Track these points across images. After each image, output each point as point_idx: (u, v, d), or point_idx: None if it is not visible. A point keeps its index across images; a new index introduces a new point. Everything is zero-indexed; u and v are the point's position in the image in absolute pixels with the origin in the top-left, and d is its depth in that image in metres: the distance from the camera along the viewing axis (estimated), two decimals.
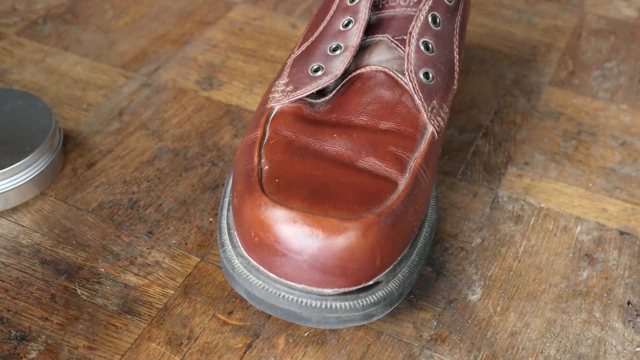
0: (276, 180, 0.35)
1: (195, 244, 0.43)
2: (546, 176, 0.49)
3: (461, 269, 0.42)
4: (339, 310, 0.34)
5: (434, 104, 0.40)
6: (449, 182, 0.48)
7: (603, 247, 0.43)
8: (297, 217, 0.32)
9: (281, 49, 0.61)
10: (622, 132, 0.53)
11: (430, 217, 0.39)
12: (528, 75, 0.59)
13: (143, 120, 0.52)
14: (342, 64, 0.40)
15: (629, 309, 0.40)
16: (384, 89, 0.40)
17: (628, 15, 0.67)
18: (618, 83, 0.58)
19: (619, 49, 0.62)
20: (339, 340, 0.38)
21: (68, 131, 0.51)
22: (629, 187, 0.48)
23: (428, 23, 0.41)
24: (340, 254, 0.32)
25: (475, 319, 0.39)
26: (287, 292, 0.34)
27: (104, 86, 0.56)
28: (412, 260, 0.36)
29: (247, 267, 0.35)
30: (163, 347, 0.37)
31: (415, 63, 0.40)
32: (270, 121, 0.39)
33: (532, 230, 0.44)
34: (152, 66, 0.58)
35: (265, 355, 0.37)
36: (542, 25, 0.66)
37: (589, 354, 0.37)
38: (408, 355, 0.37)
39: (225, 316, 0.39)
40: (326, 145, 0.37)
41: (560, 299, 0.40)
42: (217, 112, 0.54)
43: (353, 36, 0.40)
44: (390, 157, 0.37)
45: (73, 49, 0.60)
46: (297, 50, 0.43)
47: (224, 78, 0.57)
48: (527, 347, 0.38)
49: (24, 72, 0.57)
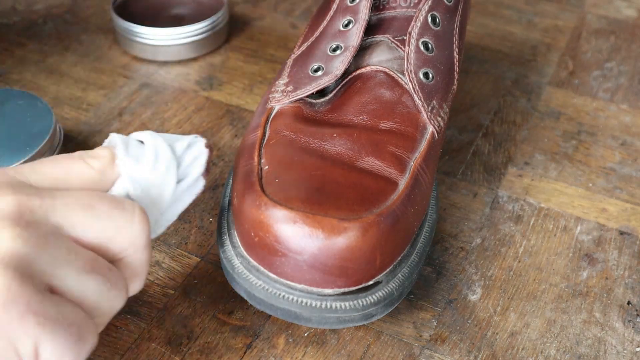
0: (276, 180, 0.35)
1: (195, 244, 0.43)
2: (546, 176, 0.49)
3: (461, 269, 0.42)
4: (339, 310, 0.34)
5: (433, 104, 0.40)
6: (449, 182, 0.48)
7: (603, 247, 0.43)
8: (297, 217, 0.32)
9: (281, 49, 0.61)
10: (622, 132, 0.53)
11: (430, 217, 0.39)
12: (528, 75, 0.59)
13: (143, 120, 0.52)
14: (342, 64, 0.40)
15: (629, 309, 0.40)
16: (384, 88, 0.40)
17: (628, 15, 0.67)
18: (618, 83, 0.58)
19: (619, 49, 0.62)
20: (339, 340, 0.38)
21: (68, 131, 0.51)
22: (629, 187, 0.48)
23: (427, 23, 0.41)
24: (340, 254, 0.32)
25: (475, 319, 0.39)
26: (287, 292, 0.34)
27: (104, 86, 0.56)
28: (412, 260, 0.36)
29: (247, 267, 0.35)
30: (163, 347, 0.37)
31: (414, 63, 0.40)
32: (270, 121, 0.39)
33: (532, 230, 0.44)
34: (152, 66, 0.58)
35: (265, 355, 0.37)
36: (542, 25, 0.66)
37: (589, 354, 0.37)
38: (408, 355, 0.37)
39: (225, 316, 0.39)
40: (326, 145, 0.37)
41: (560, 299, 0.40)
42: (217, 112, 0.54)
43: (353, 36, 0.40)
44: (390, 157, 0.37)
45: (73, 49, 0.60)
46: (297, 51, 0.43)
47: (224, 78, 0.57)
48: (527, 347, 0.38)
49: (24, 72, 0.57)
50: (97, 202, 0.30)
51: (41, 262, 0.27)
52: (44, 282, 0.27)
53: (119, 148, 0.33)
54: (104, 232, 0.30)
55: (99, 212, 0.29)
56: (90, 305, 0.29)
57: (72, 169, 0.32)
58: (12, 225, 0.27)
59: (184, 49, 0.58)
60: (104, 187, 0.32)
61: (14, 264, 0.26)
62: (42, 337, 0.26)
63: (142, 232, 0.31)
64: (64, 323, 0.27)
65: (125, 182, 0.32)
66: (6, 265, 0.26)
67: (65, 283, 0.28)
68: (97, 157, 0.32)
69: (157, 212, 0.34)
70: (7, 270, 0.26)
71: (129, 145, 0.33)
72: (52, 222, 0.28)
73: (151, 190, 0.33)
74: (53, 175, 0.31)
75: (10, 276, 0.26)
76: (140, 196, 0.33)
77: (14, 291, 0.26)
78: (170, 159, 0.34)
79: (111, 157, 0.32)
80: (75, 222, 0.29)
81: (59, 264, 0.27)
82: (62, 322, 0.27)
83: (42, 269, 0.27)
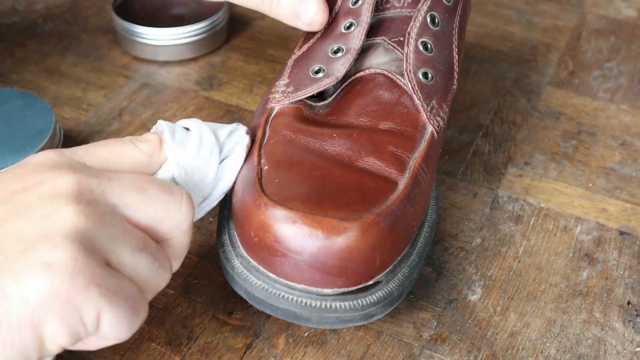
0: (276, 180, 0.35)
1: (195, 244, 0.43)
2: (546, 176, 0.49)
3: (461, 269, 0.42)
4: (338, 310, 0.34)
5: (433, 104, 0.40)
6: (449, 182, 0.48)
7: (603, 247, 0.43)
8: (296, 217, 0.32)
9: (281, 49, 0.61)
10: (622, 132, 0.53)
11: (430, 217, 0.39)
12: (528, 75, 0.59)
13: (143, 120, 0.52)
14: (344, 67, 0.40)
15: (629, 309, 0.40)
16: (384, 90, 0.40)
17: (628, 15, 0.67)
18: (618, 83, 0.58)
19: (619, 49, 0.62)
20: (339, 340, 0.38)
21: (68, 131, 0.51)
22: (629, 187, 0.48)
23: (427, 23, 0.41)
24: (340, 254, 0.32)
25: (475, 319, 0.39)
26: (287, 292, 0.34)
27: (104, 86, 0.56)
28: (412, 260, 0.36)
29: (247, 267, 0.35)
30: (163, 347, 0.37)
31: (414, 63, 0.40)
32: (270, 121, 0.39)
33: (532, 230, 0.44)
34: (152, 66, 0.58)
35: (265, 355, 0.37)
36: (542, 25, 0.66)
37: (589, 354, 0.37)
38: (408, 355, 0.37)
39: (225, 316, 0.39)
40: (326, 145, 0.37)
41: (560, 299, 0.40)
42: (217, 112, 0.54)
43: (355, 39, 0.40)
44: (389, 157, 0.37)
45: (73, 49, 0.60)
46: (298, 51, 0.43)
47: (224, 78, 0.57)
48: (527, 347, 0.38)
49: (24, 72, 0.57)
50: (149, 185, 0.32)
51: (100, 238, 0.29)
52: (102, 257, 0.29)
53: (166, 134, 0.35)
54: (154, 214, 0.31)
55: (151, 195, 0.31)
56: (141, 281, 0.31)
57: (124, 151, 0.34)
58: (74, 202, 0.29)
59: (184, 49, 0.58)
60: (151, 169, 0.35)
61: (79, 237, 0.28)
62: (104, 307, 0.28)
63: (188, 216, 0.32)
64: (122, 295, 0.29)
65: (172, 166, 0.34)
66: (73, 239, 0.28)
67: (120, 259, 0.30)
68: (146, 142, 0.34)
69: (200, 196, 0.35)
70: (74, 243, 0.28)
71: (175, 132, 0.35)
72: (108, 202, 0.30)
73: (195, 174, 0.35)
74: (106, 157, 0.33)
75: (77, 248, 0.27)
76: (185, 180, 0.34)
77: (80, 263, 0.27)
78: (213, 145, 0.36)
79: (159, 141, 0.35)
80: (129, 202, 0.31)
81: (115, 241, 0.29)
82: (121, 295, 0.29)
83: (101, 245, 0.29)
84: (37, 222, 0.28)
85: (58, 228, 0.28)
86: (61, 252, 0.27)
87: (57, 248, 0.27)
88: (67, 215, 0.28)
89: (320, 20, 0.41)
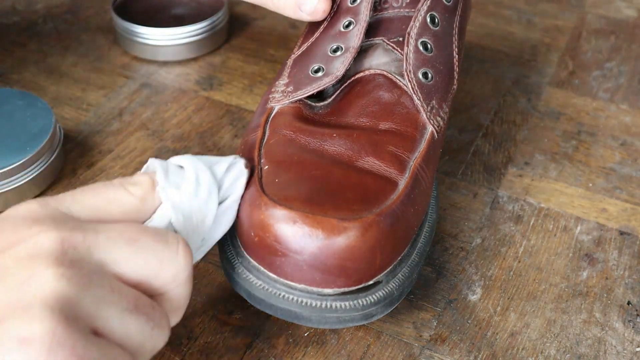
0: (276, 180, 0.35)
1: None
2: (546, 176, 0.49)
3: (461, 269, 0.42)
4: (339, 310, 0.34)
5: (433, 104, 0.40)
6: (449, 182, 0.48)
7: (603, 247, 0.43)
8: (296, 217, 0.32)
9: (281, 49, 0.61)
10: (622, 132, 0.53)
11: (430, 217, 0.39)
12: (528, 75, 0.59)
13: (143, 120, 0.52)
14: (343, 65, 0.40)
15: (629, 309, 0.40)
16: (383, 90, 0.40)
17: (628, 15, 0.67)
18: (618, 83, 0.58)
19: (619, 49, 0.63)
20: (339, 340, 0.38)
21: (68, 131, 0.51)
22: (629, 187, 0.48)
23: (426, 23, 0.41)
24: (340, 254, 0.32)
25: (475, 319, 0.39)
26: (287, 292, 0.34)
27: (104, 86, 0.56)
28: (412, 260, 0.36)
29: (247, 267, 0.35)
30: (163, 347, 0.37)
31: (414, 63, 0.40)
32: (270, 121, 0.39)
33: (532, 230, 0.44)
34: (152, 66, 0.58)
35: (265, 355, 0.37)
36: (542, 25, 0.66)
37: (589, 354, 0.37)
38: (408, 355, 0.37)
39: (225, 316, 0.39)
40: (326, 145, 0.37)
41: (560, 299, 0.40)
42: (217, 112, 0.54)
43: (354, 37, 0.40)
44: (390, 157, 0.37)
45: (73, 49, 0.60)
46: (297, 51, 0.43)
47: (224, 78, 0.57)
48: (527, 347, 0.38)
49: (24, 72, 0.57)
50: (141, 235, 0.29)
51: (85, 303, 0.26)
52: (87, 324, 0.26)
53: (158, 174, 0.32)
54: (147, 267, 0.29)
55: (142, 246, 0.29)
56: (133, 345, 0.28)
57: (113, 197, 0.31)
58: (55, 263, 0.26)
59: (184, 49, 0.58)
60: (145, 214, 0.32)
61: (59, 306, 0.25)
62: None
63: (186, 266, 0.30)
64: None
65: (167, 210, 0.32)
66: (52, 308, 0.25)
67: (108, 324, 0.27)
68: (137, 184, 0.32)
69: (199, 239, 0.33)
70: (52, 313, 0.25)
71: (169, 171, 0.33)
72: (95, 259, 0.28)
73: (193, 217, 0.32)
74: (95, 205, 0.30)
75: (56, 319, 0.25)
76: (183, 224, 0.32)
77: (60, 335, 0.25)
78: (211, 183, 0.33)
79: (151, 183, 0.32)
80: (118, 258, 0.28)
81: (102, 305, 0.27)
82: None
83: (85, 310, 0.26)
84: (12, 290, 0.26)
85: (36, 296, 0.25)
86: (38, 325, 0.25)
87: (33, 320, 0.25)
88: (46, 280, 0.26)
89: (323, 8, 0.40)
